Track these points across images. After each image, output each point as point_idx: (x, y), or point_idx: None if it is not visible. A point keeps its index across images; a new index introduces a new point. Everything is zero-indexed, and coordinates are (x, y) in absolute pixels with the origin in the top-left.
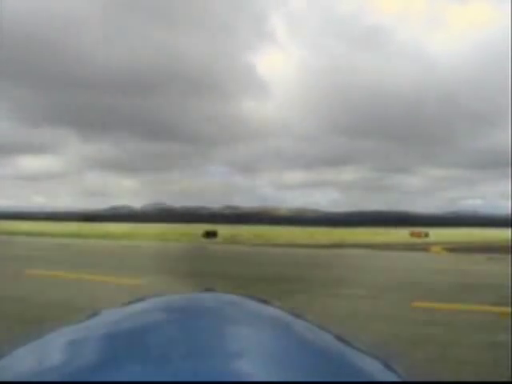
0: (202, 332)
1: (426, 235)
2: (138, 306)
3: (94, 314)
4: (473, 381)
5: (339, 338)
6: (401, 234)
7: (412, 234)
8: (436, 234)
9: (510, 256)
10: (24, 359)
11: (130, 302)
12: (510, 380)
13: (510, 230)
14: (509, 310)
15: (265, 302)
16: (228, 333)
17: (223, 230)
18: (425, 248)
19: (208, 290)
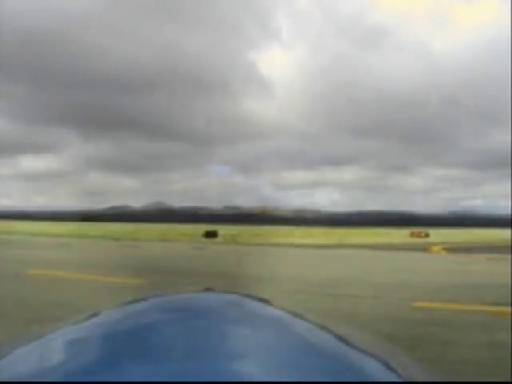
0: (202, 332)
1: (427, 235)
2: (138, 306)
3: (94, 314)
4: (473, 381)
5: (339, 338)
6: (401, 235)
7: (412, 235)
8: (436, 234)
9: (510, 256)
10: (24, 359)
11: (130, 302)
12: (510, 380)
13: (510, 230)
14: (509, 309)
15: (265, 301)
16: (228, 333)
17: (223, 230)
18: (425, 248)
19: (208, 289)
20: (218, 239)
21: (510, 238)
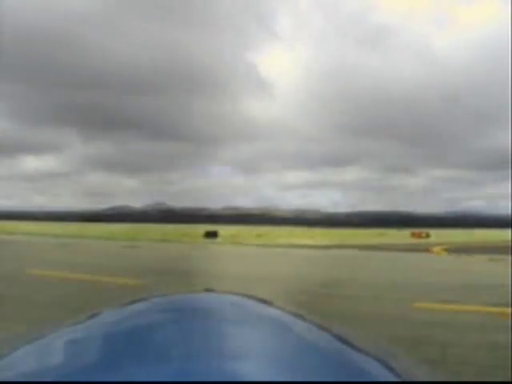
0: (202, 332)
1: (427, 236)
2: (138, 306)
3: (94, 314)
4: (473, 381)
5: (339, 338)
6: (402, 235)
7: (413, 235)
8: (437, 234)
9: (510, 256)
10: (24, 359)
11: (130, 302)
12: (510, 380)
13: (510, 230)
14: (509, 310)
15: (265, 302)
16: (228, 333)
17: (224, 230)
18: (425, 249)
19: (208, 290)
20: (219, 239)
21: (510, 238)
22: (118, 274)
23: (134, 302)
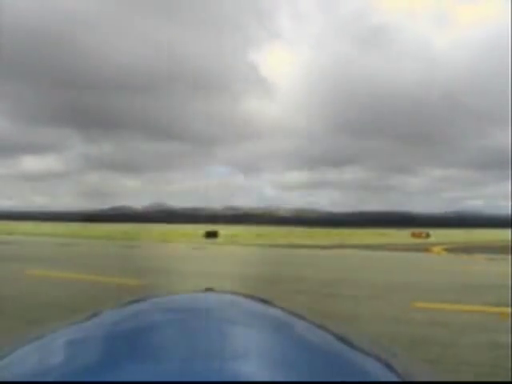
0: (202, 332)
1: (427, 236)
2: (138, 306)
3: (94, 314)
4: (473, 381)
5: (339, 338)
6: (402, 235)
7: (413, 235)
8: (437, 234)
9: (510, 256)
10: (24, 359)
11: (129, 302)
12: (510, 380)
13: (510, 230)
14: (509, 310)
15: (265, 301)
16: (228, 333)
17: (224, 230)
18: (426, 249)
19: (208, 289)
20: (219, 239)
21: (510, 238)
22: (116, 274)
23: (133, 301)
